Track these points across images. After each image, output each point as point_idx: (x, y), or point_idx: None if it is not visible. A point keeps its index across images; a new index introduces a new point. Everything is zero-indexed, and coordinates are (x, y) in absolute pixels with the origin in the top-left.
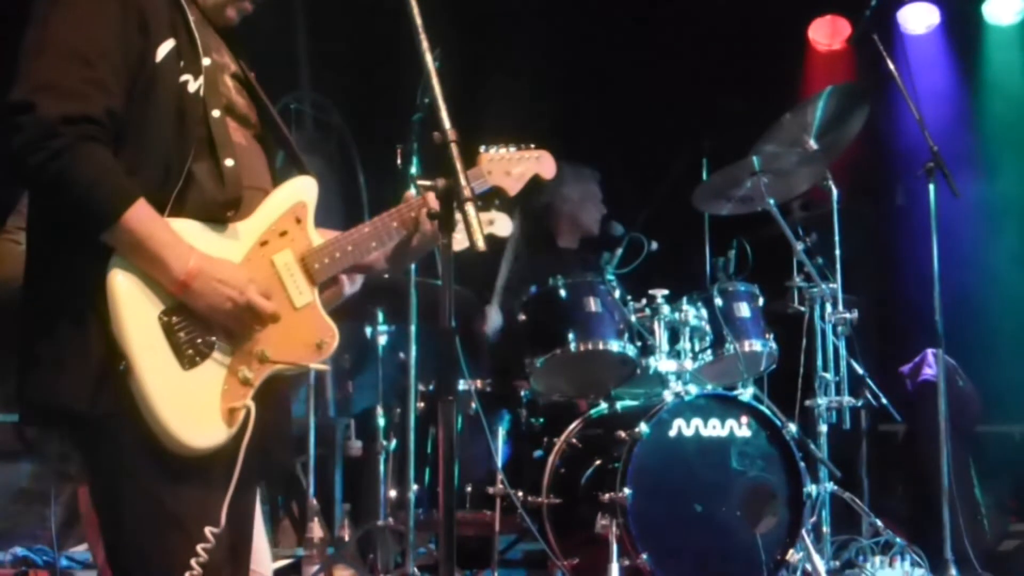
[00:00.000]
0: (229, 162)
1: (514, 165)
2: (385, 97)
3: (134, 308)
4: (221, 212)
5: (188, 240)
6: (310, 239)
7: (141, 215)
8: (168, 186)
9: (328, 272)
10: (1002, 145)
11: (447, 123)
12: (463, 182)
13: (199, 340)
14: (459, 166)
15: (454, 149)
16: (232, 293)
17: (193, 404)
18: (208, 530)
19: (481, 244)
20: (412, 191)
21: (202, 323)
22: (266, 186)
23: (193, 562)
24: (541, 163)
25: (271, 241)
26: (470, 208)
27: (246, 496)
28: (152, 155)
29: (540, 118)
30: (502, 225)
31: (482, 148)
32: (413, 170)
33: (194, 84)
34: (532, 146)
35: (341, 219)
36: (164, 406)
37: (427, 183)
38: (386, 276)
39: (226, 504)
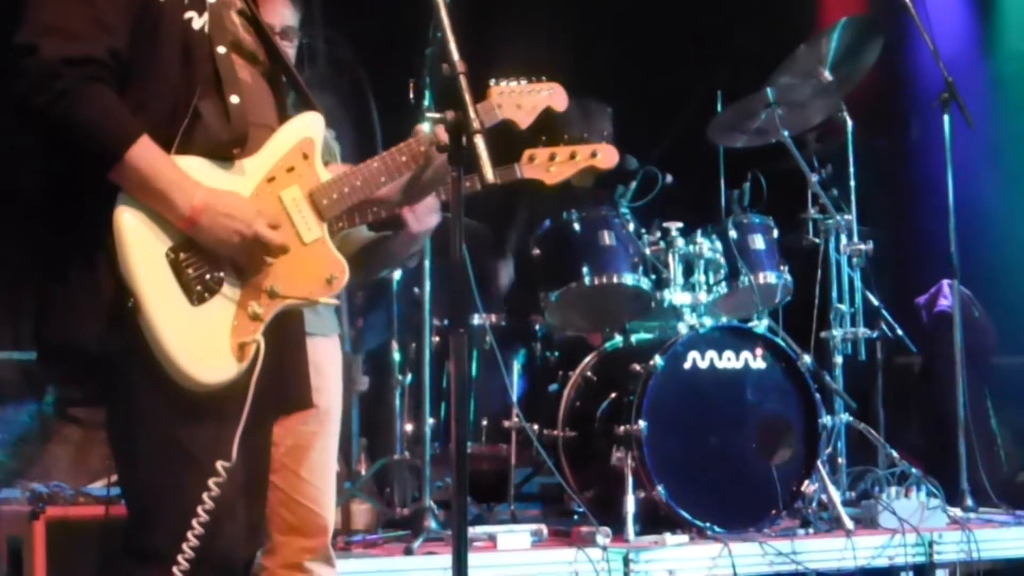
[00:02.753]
0: (235, 99)
1: (525, 98)
2: (398, 31)
3: (141, 245)
4: (227, 149)
5: (195, 177)
6: (318, 175)
7: (146, 152)
8: (174, 124)
9: (337, 208)
10: (1018, 76)
11: (455, 55)
12: (472, 114)
13: (208, 276)
14: (468, 98)
15: (463, 81)
16: (240, 226)
17: (203, 340)
18: (219, 464)
19: (491, 176)
20: (423, 124)
21: (211, 259)
22: (273, 124)
23: (205, 496)
24: (552, 96)
25: (278, 177)
26: (479, 140)
27: (260, 432)
28: (158, 93)
29: (552, 52)
30: (607, 156)
31: (492, 81)
32: (426, 104)
33: (199, 21)
34: (543, 79)
35: (355, 156)
36: (174, 342)
37: (436, 116)
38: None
39: (236, 437)
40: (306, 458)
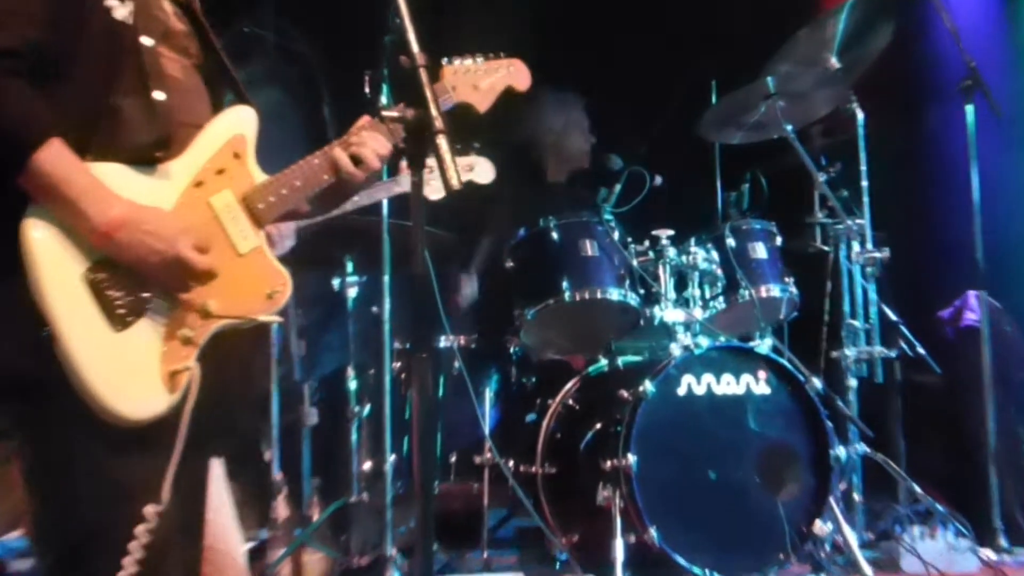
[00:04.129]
0: (159, 95)
1: (482, 77)
2: (353, 19)
3: (54, 265)
4: (149, 152)
5: (112, 186)
6: (252, 176)
7: (55, 157)
8: (92, 124)
9: (275, 212)
10: None
11: (415, 46)
12: (434, 112)
13: (131, 297)
14: (429, 94)
15: (423, 75)
16: (160, 246)
17: (128, 370)
18: (149, 509)
19: (456, 182)
20: (367, 118)
21: (134, 278)
22: (205, 122)
23: (136, 538)
24: (513, 74)
25: (207, 181)
26: (443, 142)
27: (197, 466)
28: (76, 90)
29: (522, 34)
30: (483, 171)
31: (444, 60)
32: (383, 99)
33: (122, 10)
34: (501, 55)
35: (305, 155)
36: (95, 374)
37: (393, 114)
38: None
39: (169, 477)
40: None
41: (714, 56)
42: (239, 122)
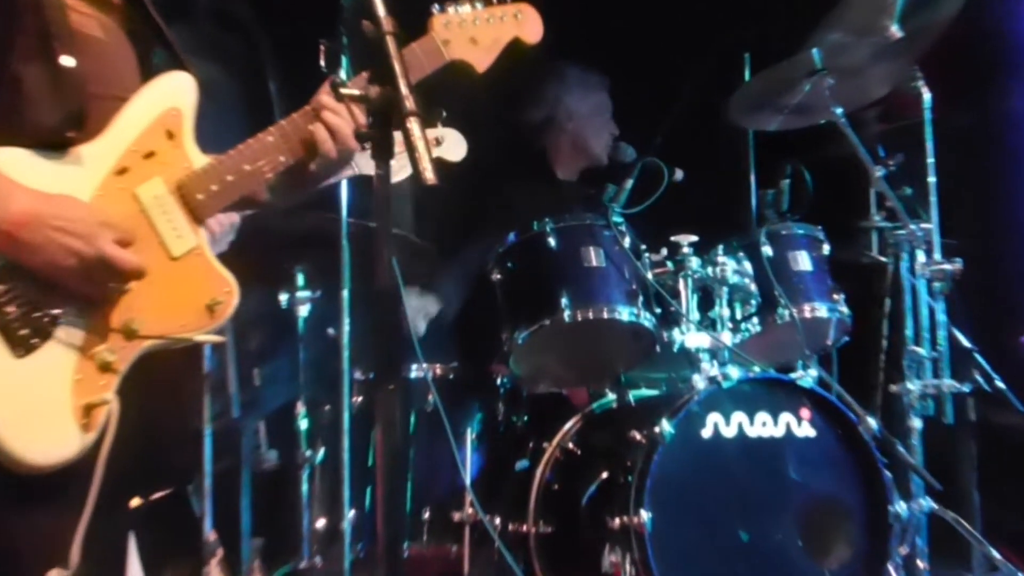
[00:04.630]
0: (67, 61)
1: (482, 29)
2: None
3: None
4: (58, 132)
5: (13, 175)
6: (189, 160)
7: None
8: None
9: (218, 204)
10: None
11: (381, 9)
12: (404, 90)
13: (37, 314)
14: (398, 67)
15: (391, 44)
16: (77, 244)
17: (31, 404)
18: (55, 573)
19: (430, 175)
20: (327, 97)
21: (40, 289)
22: (132, 94)
23: None
24: (522, 23)
25: (133, 167)
26: (414, 125)
27: (113, 523)
28: None
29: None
30: (452, 145)
31: (435, 8)
32: (342, 74)
33: None
34: None
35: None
36: None
37: (355, 92)
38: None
39: (78, 536)
40: None
41: (747, 23)
42: (173, 92)
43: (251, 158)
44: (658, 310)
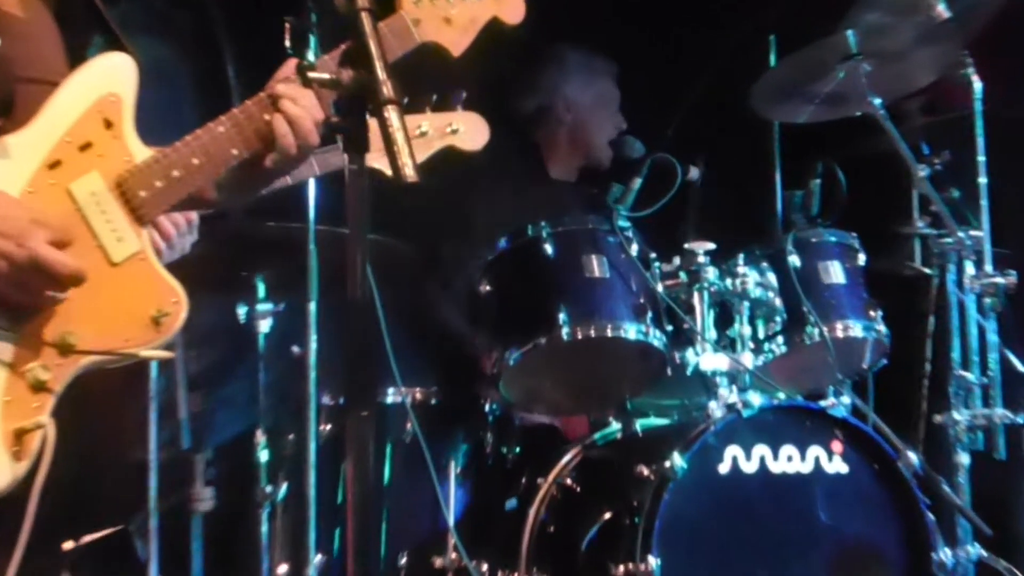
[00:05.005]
0: None
1: (457, 7)
2: None
3: None
4: None
5: None
6: (130, 153)
7: None
8: None
9: (163, 203)
10: None
11: None
12: (380, 74)
13: None
14: (374, 48)
15: (366, 21)
16: (6, 245)
17: None
18: None
19: (411, 172)
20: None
21: None
22: (62, 79)
23: None
24: (501, 1)
25: (66, 160)
26: (393, 114)
27: (47, 562)
28: None
29: None
30: (472, 133)
31: None
32: (310, 55)
33: None
34: None
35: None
36: None
37: (324, 76)
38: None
39: None
40: None
41: (773, 2)
42: (111, 76)
43: (200, 151)
44: (669, 327)
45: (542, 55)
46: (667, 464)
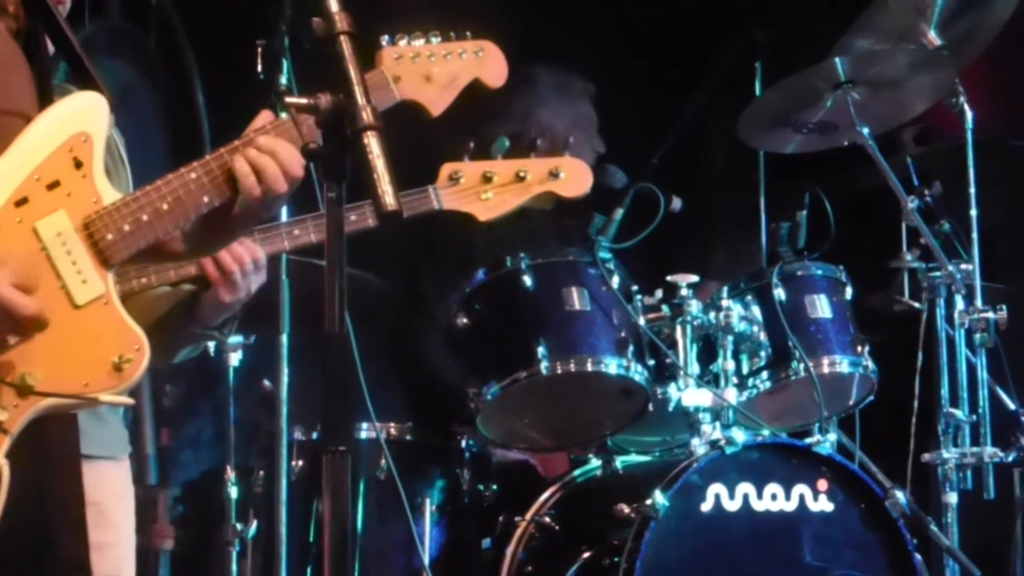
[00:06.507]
0: None
1: (437, 65)
2: None
3: None
4: None
5: None
6: (99, 194)
7: None
8: None
9: (130, 247)
10: None
11: (334, 4)
12: (360, 98)
13: None
14: (353, 72)
15: (345, 45)
16: None
17: None
18: None
19: (390, 200)
20: (269, 115)
21: None
22: (29, 111)
23: None
24: (483, 62)
25: (33, 198)
26: (373, 141)
27: None
28: None
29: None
30: (573, 179)
31: (384, 40)
32: (284, 80)
33: None
34: (468, 34)
35: (165, 163)
36: None
37: (302, 101)
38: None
39: None
40: None
41: (760, 26)
42: (83, 116)
43: (170, 196)
44: (651, 362)
45: (515, 79)
46: (648, 502)
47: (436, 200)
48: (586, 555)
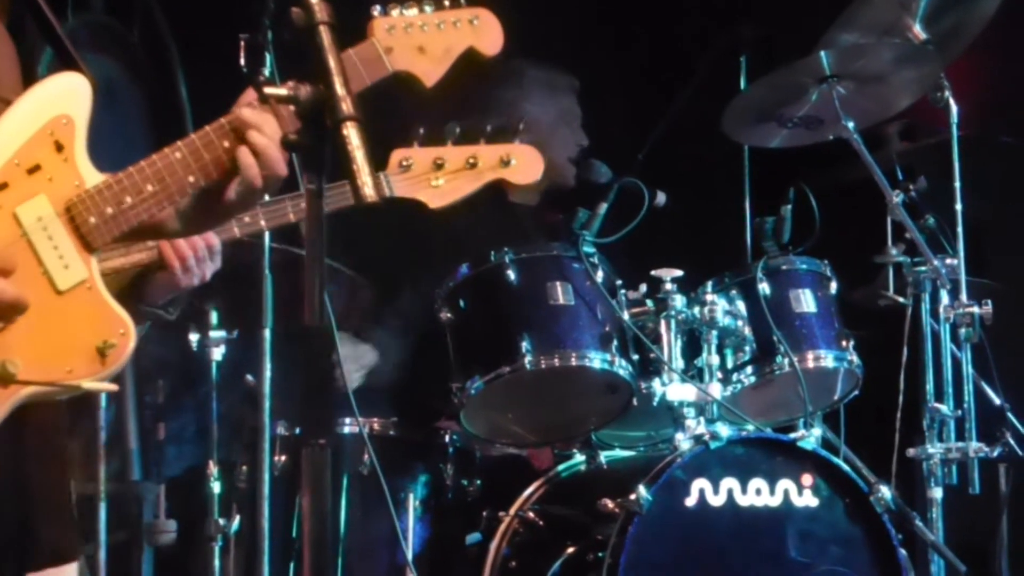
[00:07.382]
0: None
1: (431, 36)
2: None
3: None
4: None
5: None
6: (81, 177)
7: None
8: None
9: (114, 230)
10: None
11: None
12: (339, 89)
13: None
14: (332, 62)
15: (324, 36)
16: None
17: None
18: None
19: (370, 191)
20: (250, 106)
21: None
22: (13, 96)
23: None
24: (478, 30)
25: (13, 183)
26: (352, 131)
27: None
28: None
29: None
30: (525, 167)
31: (376, 9)
32: (266, 72)
33: None
34: (462, 1)
35: (148, 152)
36: None
37: (281, 92)
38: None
39: None
40: None
41: (745, 20)
42: (64, 97)
43: (155, 178)
44: (636, 357)
45: (500, 72)
46: (633, 497)
47: (387, 187)
48: (570, 550)
